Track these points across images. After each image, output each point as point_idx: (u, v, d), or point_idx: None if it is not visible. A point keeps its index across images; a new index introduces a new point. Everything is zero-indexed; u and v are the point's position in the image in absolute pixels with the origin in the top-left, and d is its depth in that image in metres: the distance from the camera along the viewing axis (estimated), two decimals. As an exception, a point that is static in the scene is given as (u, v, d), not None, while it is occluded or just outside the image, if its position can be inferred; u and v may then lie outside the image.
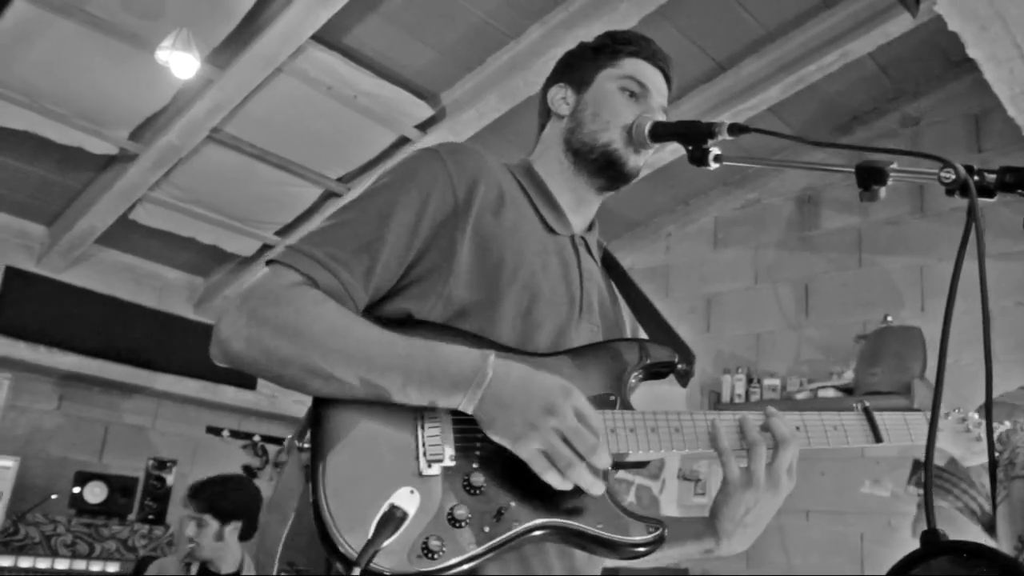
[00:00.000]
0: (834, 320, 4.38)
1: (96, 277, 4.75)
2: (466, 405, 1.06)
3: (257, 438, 5.47)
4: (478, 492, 1.06)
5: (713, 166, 1.25)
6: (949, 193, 1.07)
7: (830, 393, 4.08)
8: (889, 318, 4.03)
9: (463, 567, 1.01)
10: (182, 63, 3.19)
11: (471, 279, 1.19)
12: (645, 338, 1.40)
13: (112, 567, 4.29)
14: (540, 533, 1.08)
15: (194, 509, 3.21)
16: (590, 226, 1.44)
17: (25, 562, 4.07)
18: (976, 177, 1.05)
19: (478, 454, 1.09)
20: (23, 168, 4.11)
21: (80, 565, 4.21)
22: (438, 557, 0.99)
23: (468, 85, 3.79)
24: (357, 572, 0.94)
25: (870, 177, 1.13)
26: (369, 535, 0.96)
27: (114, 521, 4.40)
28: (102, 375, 4.67)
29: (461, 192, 1.22)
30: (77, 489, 4.37)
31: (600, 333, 1.34)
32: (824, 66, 3.75)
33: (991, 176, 1.07)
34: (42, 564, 4.11)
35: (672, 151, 3.96)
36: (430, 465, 1.05)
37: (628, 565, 1.18)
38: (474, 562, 1.02)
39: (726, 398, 4.44)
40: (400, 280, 1.19)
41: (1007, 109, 3.34)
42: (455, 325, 1.17)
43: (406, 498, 0.99)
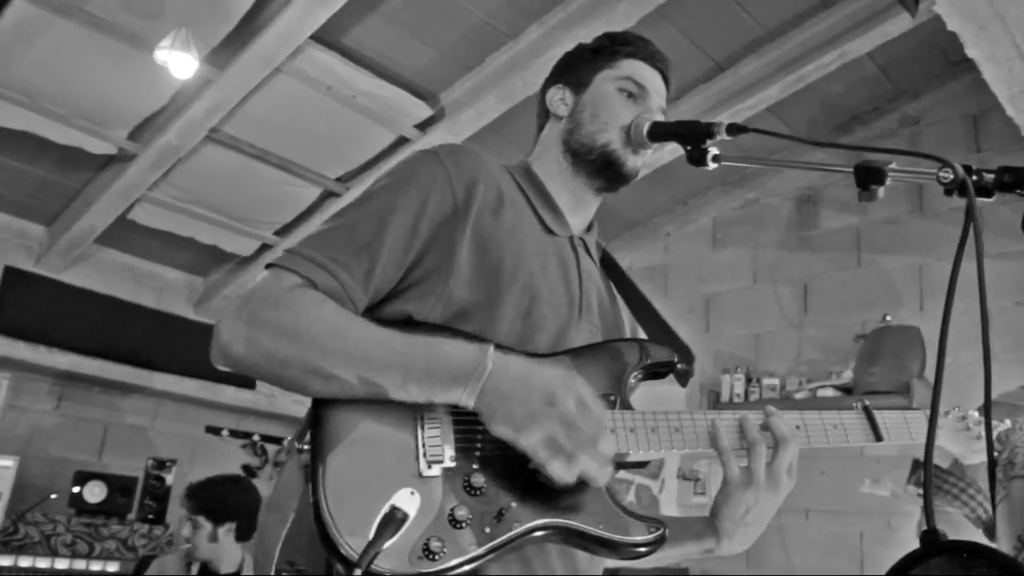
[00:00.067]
0: (833, 320, 4.38)
1: (95, 277, 4.75)
2: (467, 399, 1.05)
3: (256, 438, 5.47)
4: (479, 493, 1.06)
5: (712, 166, 1.25)
6: (948, 193, 1.07)
7: (829, 393, 4.09)
8: (888, 318, 4.03)
9: (464, 568, 1.01)
10: (181, 63, 3.19)
11: (471, 280, 1.19)
12: (644, 338, 1.40)
13: (112, 567, 4.29)
14: (541, 534, 1.08)
15: (188, 511, 3.24)
16: (589, 227, 1.44)
17: (25, 562, 4.07)
18: (975, 177, 1.05)
19: (478, 455, 1.09)
20: (22, 168, 4.11)
21: (80, 565, 4.21)
22: (439, 558, 0.99)
23: (467, 85, 3.79)
24: (358, 573, 0.94)
25: (869, 177, 1.13)
26: (370, 537, 0.96)
27: (114, 521, 4.40)
28: (101, 375, 4.67)
29: (460, 193, 1.21)
30: (77, 489, 4.37)
31: (599, 334, 1.33)
32: (823, 66, 3.75)
33: (990, 176, 1.07)
34: (42, 564, 4.10)
35: (671, 151, 3.96)
36: (430, 466, 1.05)
37: (629, 565, 1.18)
38: (475, 563, 1.02)
39: (725, 398, 4.45)
40: (400, 282, 1.19)
41: (1006, 109, 3.34)
42: (455, 326, 1.16)
43: (407, 499, 0.99)
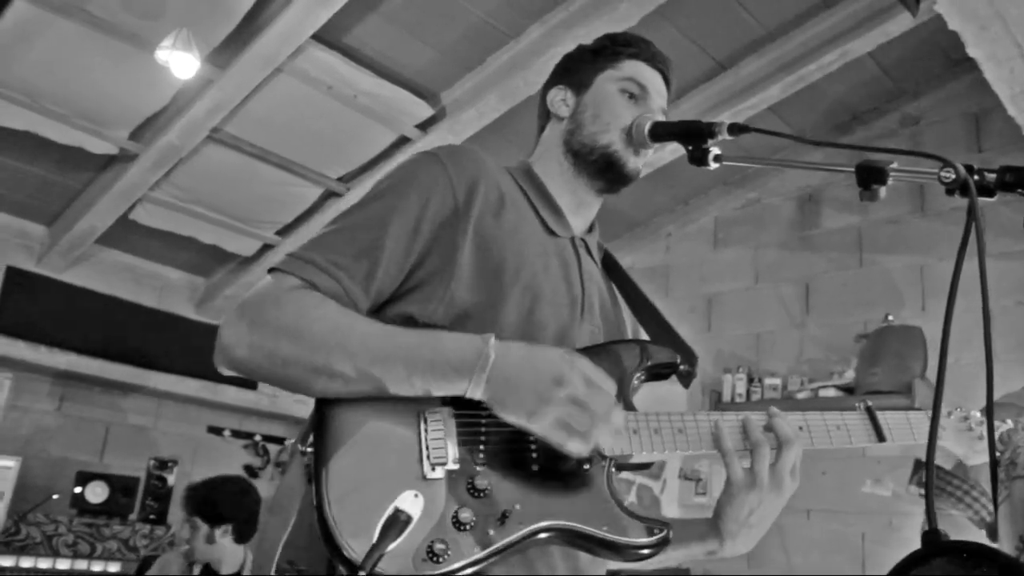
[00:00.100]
0: (835, 319, 4.37)
1: (96, 277, 4.75)
2: (472, 390, 1.05)
3: (258, 438, 5.49)
4: (482, 495, 1.06)
5: (713, 166, 1.25)
6: (949, 193, 1.06)
7: (831, 393, 4.08)
8: (890, 317, 4.02)
9: (468, 571, 1.01)
10: (182, 63, 3.20)
11: (472, 281, 1.19)
12: (647, 340, 1.40)
13: (113, 567, 4.29)
14: (545, 536, 1.08)
15: (186, 512, 3.27)
16: (590, 228, 1.44)
17: (26, 562, 4.07)
18: (976, 177, 1.05)
19: (482, 456, 1.09)
20: (23, 168, 4.11)
21: (81, 565, 4.21)
22: (443, 561, 0.99)
23: (468, 85, 3.79)
24: None
25: (870, 177, 1.13)
26: (373, 539, 0.95)
27: (115, 521, 4.40)
28: (103, 375, 4.68)
29: (461, 195, 1.21)
30: (78, 489, 4.37)
31: (602, 334, 1.33)
32: (824, 65, 3.74)
33: (991, 175, 1.07)
34: (43, 564, 4.11)
35: (672, 151, 3.96)
36: (434, 468, 1.05)
37: (632, 567, 1.18)
38: (479, 565, 1.02)
39: (727, 398, 4.44)
40: (402, 284, 1.19)
41: (1007, 108, 3.34)
42: (457, 328, 1.16)
43: (410, 502, 0.98)
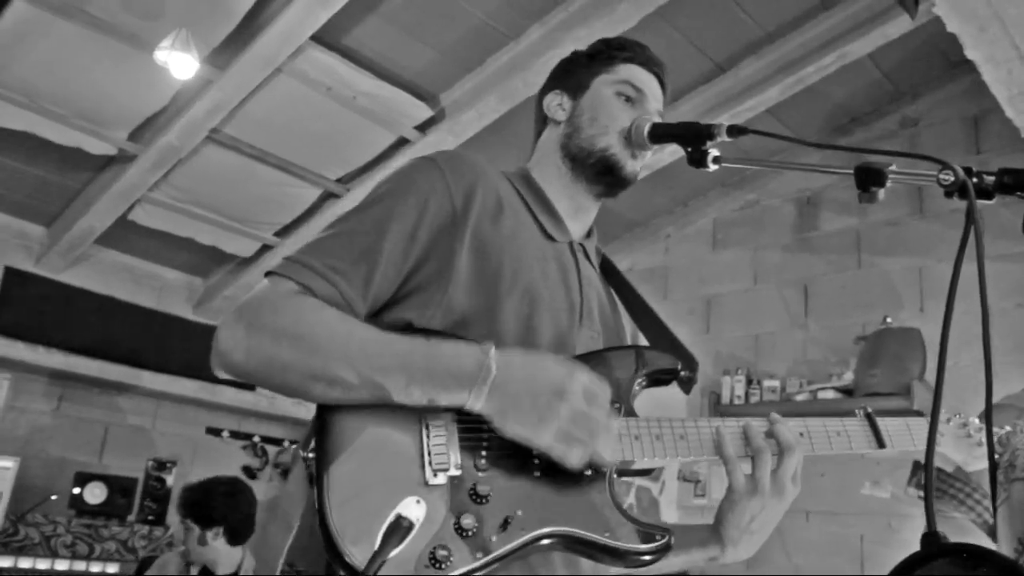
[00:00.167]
0: (833, 321, 4.37)
1: (95, 278, 4.75)
2: (473, 402, 1.05)
3: (257, 439, 5.49)
4: (484, 501, 1.06)
5: (712, 167, 1.25)
6: (948, 195, 1.06)
7: (830, 394, 4.08)
8: (888, 319, 4.02)
9: None
10: (181, 63, 3.19)
11: (470, 287, 1.19)
12: (648, 345, 1.40)
13: (112, 568, 4.29)
14: (547, 542, 1.08)
15: (180, 514, 3.30)
16: (588, 233, 1.44)
17: (25, 563, 4.07)
18: (975, 179, 1.05)
19: (484, 462, 1.09)
20: (22, 168, 4.11)
21: (80, 566, 4.21)
22: (445, 567, 0.99)
23: (468, 86, 3.79)
24: None
25: (869, 179, 1.13)
26: (375, 545, 0.95)
27: (114, 522, 4.40)
28: (101, 375, 4.67)
29: (459, 200, 1.21)
30: (77, 490, 4.37)
31: (601, 340, 1.33)
32: (823, 67, 3.75)
33: (990, 178, 1.06)
34: (42, 565, 4.11)
35: (671, 152, 3.96)
36: (436, 474, 1.05)
37: (634, 573, 1.18)
38: (481, 572, 1.02)
39: (726, 399, 4.44)
40: (399, 289, 1.18)
41: (1005, 110, 3.34)
42: (455, 333, 1.16)
43: (412, 508, 0.97)
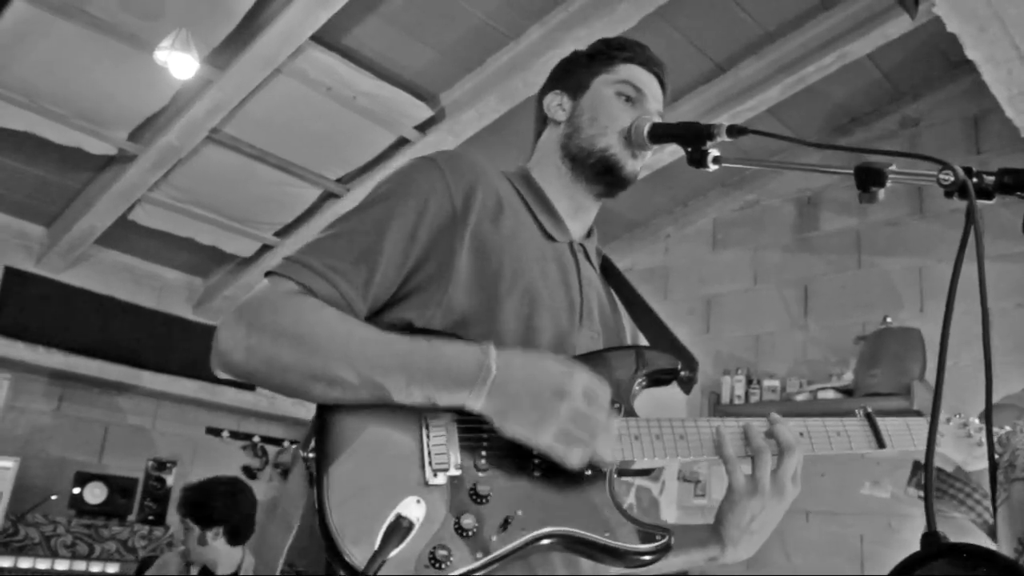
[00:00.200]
0: (833, 321, 4.37)
1: (95, 278, 4.75)
2: (473, 403, 1.05)
3: (256, 439, 5.49)
4: (484, 501, 1.06)
5: (712, 167, 1.25)
6: (948, 195, 1.06)
7: (830, 394, 4.08)
8: (888, 319, 4.02)
9: None
10: (181, 63, 3.19)
11: (470, 287, 1.19)
12: (647, 346, 1.40)
13: (112, 568, 4.29)
14: (547, 542, 1.08)
15: (180, 514, 3.31)
16: (588, 233, 1.44)
17: (25, 563, 4.07)
18: (975, 179, 1.05)
19: (484, 462, 1.09)
20: (22, 168, 4.11)
21: (80, 566, 4.21)
22: (445, 567, 0.99)
23: (468, 86, 3.79)
24: None
25: (869, 179, 1.13)
26: (375, 545, 0.95)
27: (114, 522, 4.40)
28: (101, 375, 4.67)
29: (459, 200, 1.21)
30: (77, 490, 4.37)
31: (601, 340, 1.33)
32: (823, 67, 3.74)
33: (990, 178, 1.06)
34: (42, 565, 4.11)
35: (671, 152, 3.96)
36: (436, 474, 1.05)
37: (634, 573, 1.18)
38: (481, 572, 1.02)
39: (726, 399, 4.44)
40: (399, 289, 1.18)
41: (1005, 110, 3.34)
42: (455, 333, 1.16)
43: (412, 507, 0.97)
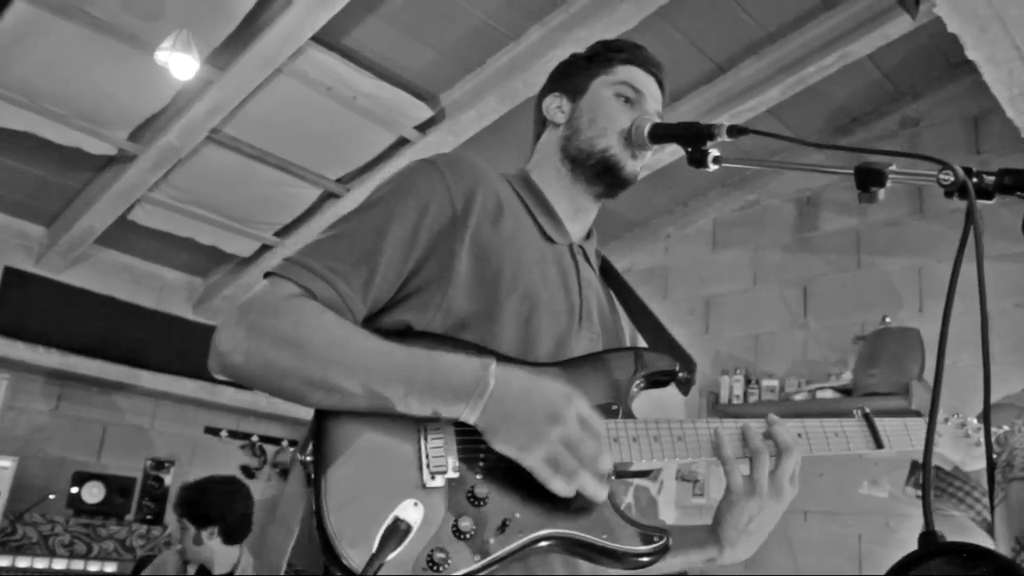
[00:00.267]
0: (833, 321, 4.37)
1: (95, 277, 4.75)
2: (468, 415, 1.05)
3: (255, 438, 5.49)
4: (482, 503, 1.05)
5: (712, 167, 1.25)
6: (948, 195, 1.06)
7: (828, 394, 4.08)
8: (887, 319, 4.03)
9: None
10: (181, 64, 3.19)
11: (470, 289, 1.19)
12: (646, 347, 1.40)
13: (110, 567, 4.29)
14: (545, 544, 1.08)
15: (176, 514, 3.31)
16: (588, 234, 1.44)
17: (23, 562, 4.07)
18: (975, 179, 1.05)
19: (482, 465, 1.08)
20: (22, 168, 4.10)
21: (78, 565, 4.21)
22: (443, 569, 0.99)
23: (468, 86, 3.79)
24: None
25: (869, 179, 1.13)
26: (373, 548, 0.95)
27: (112, 521, 4.40)
28: (100, 375, 4.67)
29: (459, 202, 1.21)
30: (75, 489, 4.37)
31: (600, 342, 1.33)
32: (823, 68, 3.74)
33: (990, 178, 1.06)
34: (40, 564, 4.11)
35: (671, 152, 3.96)
36: (433, 477, 1.04)
37: (632, 574, 1.18)
38: (480, 574, 1.02)
39: (724, 399, 4.44)
40: (399, 291, 1.18)
41: (1006, 111, 3.34)
42: (455, 336, 1.16)
43: (410, 510, 0.98)
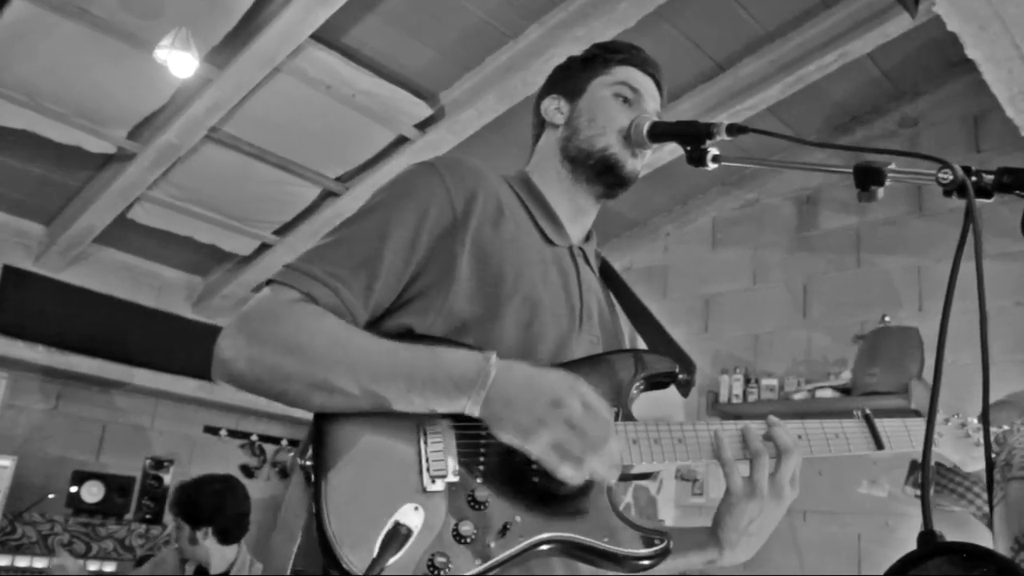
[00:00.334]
0: (832, 320, 4.37)
1: (94, 276, 4.75)
2: (471, 407, 1.05)
3: (255, 437, 5.49)
4: (482, 507, 1.05)
5: (711, 166, 1.25)
6: (947, 194, 1.06)
7: (828, 393, 4.07)
8: (887, 318, 4.02)
9: None
10: (181, 62, 3.19)
11: (471, 292, 1.19)
12: (645, 349, 1.40)
13: (109, 566, 4.29)
14: (546, 547, 1.08)
15: (171, 513, 3.33)
16: (588, 236, 1.44)
17: (22, 561, 4.07)
18: (974, 178, 1.05)
19: (482, 468, 1.08)
20: (21, 167, 4.10)
21: (77, 564, 4.21)
22: (444, 573, 0.99)
23: (467, 85, 3.79)
24: None
25: (868, 178, 1.13)
26: (373, 553, 0.94)
27: (111, 520, 4.40)
28: (100, 374, 4.67)
29: (459, 205, 1.21)
30: (74, 488, 4.37)
31: (600, 344, 1.33)
32: (823, 66, 3.74)
33: (989, 177, 1.07)
34: (39, 563, 4.10)
35: (671, 151, 3.96)
36: (434, 481, 1.04)
37: None
38: None
39: (724, 398, 4.43)
40: (400, 295, 1.18)
41: (1005, 110, 3.33)
42: (456, 339, 1.16)
43: (410, 515, 0.97)
